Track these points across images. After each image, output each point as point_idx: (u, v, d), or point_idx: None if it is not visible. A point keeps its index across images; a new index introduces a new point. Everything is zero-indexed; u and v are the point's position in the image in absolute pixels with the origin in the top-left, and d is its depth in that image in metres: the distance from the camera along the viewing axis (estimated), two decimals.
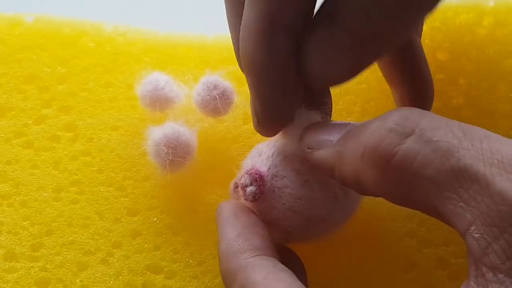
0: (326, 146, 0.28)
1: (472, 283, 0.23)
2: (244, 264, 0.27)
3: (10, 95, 0.40)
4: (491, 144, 0.23)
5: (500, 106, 0.39)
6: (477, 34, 0.41)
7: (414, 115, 0.25)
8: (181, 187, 0.37)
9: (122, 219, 0.36)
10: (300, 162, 0.30)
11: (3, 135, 0.39)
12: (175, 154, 0.35)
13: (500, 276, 0.22)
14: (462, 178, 0.23)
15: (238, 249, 0.28)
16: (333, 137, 0.28)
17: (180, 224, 0.35)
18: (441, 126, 0.24)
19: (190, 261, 0.34)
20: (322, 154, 0.28)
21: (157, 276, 0.34)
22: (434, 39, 0.41)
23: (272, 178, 0.30)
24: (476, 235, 0.23)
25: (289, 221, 0.30)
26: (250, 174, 0.30)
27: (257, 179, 0.30)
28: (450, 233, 0.35)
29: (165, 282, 0.34)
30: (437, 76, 0.40)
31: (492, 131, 0.24)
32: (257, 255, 0.28)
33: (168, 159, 0.35)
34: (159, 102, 0.37)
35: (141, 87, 0.38)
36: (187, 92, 0.38)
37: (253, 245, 0.28)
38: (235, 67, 0.40)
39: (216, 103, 0.36)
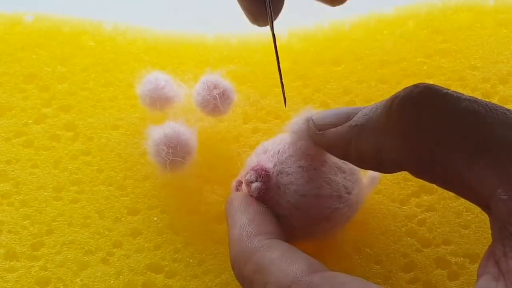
0: (339, 124, 0.28)
1: (498, 245, 0.23)
2: (259, 245, 0.27)
3: (10, 94, 0.40)
4: None
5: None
6: (477, 33, 0.41)
7: (438, 87, 0.26)
8: (181, 186, 0.37)
9: (123, 219, 0.36)
10: (306, 160, 0.31)
11: (3, 135, 0.39)
12: (175, 153, 0.35)
13: None
14: (488, 143, 0.24)
15: (252, 233, 0.28)
16: (343, 117, 0.29)
17: (180, 223, 0.35)
18: (466, 95, 0.25)
19: (191, 260, 0.34)
20: (337, 131, 0.29)
21: (158, 276, 0.34)
22: (434, 39, 0.41)
23: (278, 175, 0.31)
24: (504, 197, 0.23)
25: (293, 218, 0.31)
26: (255, 170, 0.31)
27: (263, 175, 0.30)
28: (450, 232, 0.35)
29: (166, 282, 0.34)
30: (436, 77, 0.40)
31: None
32: (272, 238, 0.28)
33: (169, 159, 0.35)
34: (159, 101, 0.37)
35: (141, 87, 0.38)
36: (187, 92, 0.38)
37: (267, 229, 0.29)
38: (235, 66, 0.40)
39: (216, 102, 0.36)
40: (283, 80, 0.32)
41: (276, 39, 0.31)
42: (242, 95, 0.39)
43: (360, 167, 0.30)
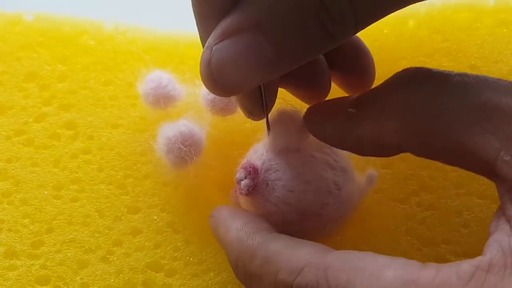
0: (334, 114, 0.29)
1: (508, 206, 0.24)
2: (262, 240, 0.28)
3: (11, 93, 0.40)
4: (506, 81, 0.25)
5: None
6: (477, 33, 0.41)
7: (428, 68, 0.27)
8: (181, 185, 0.37)
9: (123, 217, 0.36)
10: (293, 156, 0.31)
11: (3, 133, 0.39)
12: (189, 152, 0.35)
13: None
14: (484, 110, 0.25)
15: (251, 231, 0.29)
16: (336, 107, 0.29)
17: (180, 222, 0.36)
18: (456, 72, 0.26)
19: (191, 259, 0.34)
20: (332, 120, 0.29)
21: (158, 274, 0.34)
22: (434, 38, 0.41)
23: (266, 172, 0.31)
24: (507, 158, 0.24)
25: (283, 214, 0.31)
26: (244, 168, 0.31)
27: (251, 172, 0.31)
28: (449, 231, 0.35)
29: (166, 280, 0.34)
30: None
31: None
32: (273, 232, 0.28)
33: (182, 157, 0.34)
34: (163, 100, 0.37)
35: (144, 85, 0.38)
36: (189, 90, 0.38)
37: (265, 227, 0.29)
38: None
39: (229, 101, 0.36)
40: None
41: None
42: None
43: (359, 154, 0.30)
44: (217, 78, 0.25)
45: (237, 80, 0.25)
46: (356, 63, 0.35)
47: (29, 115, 0.39)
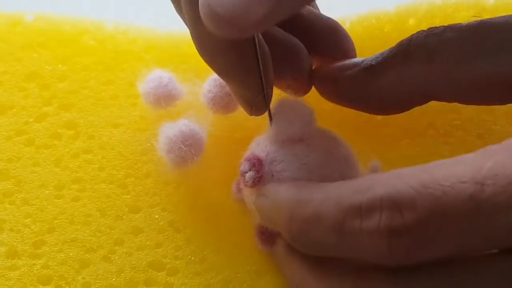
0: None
1: None
2: (315, 184, 0.28)
3: (11, 93, 0.40)
4: None
5: None
6: None
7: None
8: (182, 184, 0.37)
9: (124, 217, 0.36)
10: (297, 147, 0.31)
11: (4, 133, 0.39)
12: (190, 151, 0.35)
13: None
14: (500, 42, 0.27)
15: (301, 183, 0.29)
16: (351, 64, 0.31)
17: (181, 221, 0.35)
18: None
19: (192, 258, 0.34)
20: (350, 74, 0.30)
21: (159, 273, 0.34)
22: None
23: (271, 163, 0.31)
24: None
25: None
26: (249, 160, 0.31)
27: (256, 163, 0.31)
28: None
29: (167, 279, 0.34)
30: None
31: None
32: None
33: (183, 156, 0.34)
34: (164, 99, 0.37)
35: (144, 85, 0.38)
36: (190, 89, 0.38)
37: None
38: None
39: (230, 99, 0.36)
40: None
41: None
42: None
43: (382, 112, 0.30)
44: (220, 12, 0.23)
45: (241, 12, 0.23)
46: (337, 47, 0.35)
47: (30, 115, 0.39)
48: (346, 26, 0.43)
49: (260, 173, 0.31)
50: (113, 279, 0.34)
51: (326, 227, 0.26)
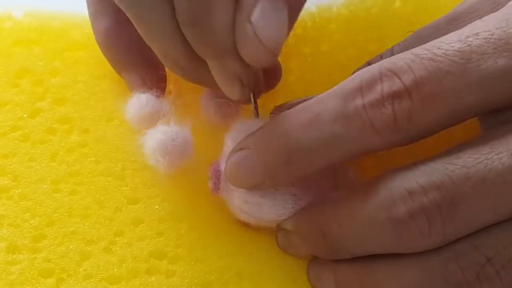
0: None
1: None
2: None
3: (4, 89, 0.40)
4: None
5: None
6: None
7: None
8: (181, 174, 0.36)
9: (123, 208, 0.36)
10: None
11: None
12: (172, 157, 0.35)
13: None
14: None
15: None
16: None
17: (182, 211, 0.35)
18: None
19: (194, 245, 0.34)
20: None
21: (161, 262, 0.34)
22: (421, 18, 0.42)
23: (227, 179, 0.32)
24: None
25: (243, 218, 0.33)
26: (212, 169, 0.33)
27: (214, 176, 0.33)
28: None
29: (169, 267, 0.34)
30: None
31: None
32: None
33: (165, 165, 0.35)
34: (148, 119, 0.36)
35: (127, 112, 0.38)
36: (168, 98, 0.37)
37: None
38: None
39: (231, 109, 0.36)
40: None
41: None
42: None
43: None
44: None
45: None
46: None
47: (24, 111, 0.39)
48: (333, 11, 0.43)
49: (217, 186, 0.33)
50: (115, 270, 0.34)
51: (329, 119, 0.27)
